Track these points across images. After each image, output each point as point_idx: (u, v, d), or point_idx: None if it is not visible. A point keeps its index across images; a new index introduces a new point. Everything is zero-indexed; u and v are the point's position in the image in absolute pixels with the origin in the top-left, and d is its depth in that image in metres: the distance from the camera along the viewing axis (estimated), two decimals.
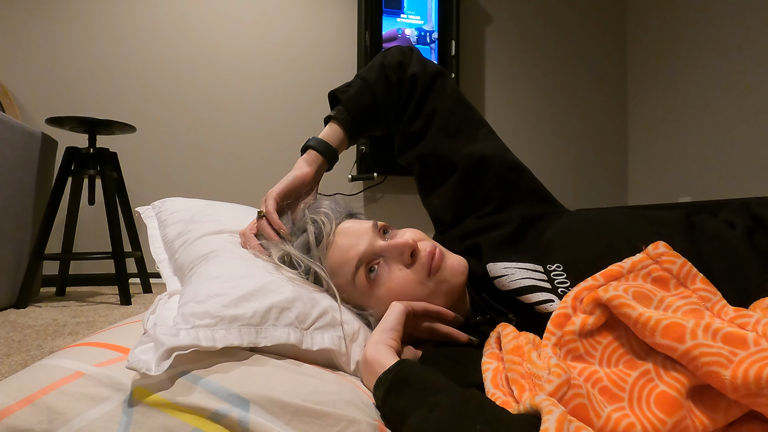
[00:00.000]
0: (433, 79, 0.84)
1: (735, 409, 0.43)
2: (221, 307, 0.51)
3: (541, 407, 0.40)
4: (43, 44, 2.42)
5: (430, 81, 0.84)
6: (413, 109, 0.83)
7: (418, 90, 0.83)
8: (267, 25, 2.75)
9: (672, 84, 3.17)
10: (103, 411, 0.41)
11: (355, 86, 0.83)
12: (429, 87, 0.84)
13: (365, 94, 0.82)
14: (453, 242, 0.76)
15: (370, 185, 2.91)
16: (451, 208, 0.80)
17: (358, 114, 0.82)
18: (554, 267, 0.64)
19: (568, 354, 0.51)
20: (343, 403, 0.47)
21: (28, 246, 1.91)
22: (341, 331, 0.59)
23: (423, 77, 0.84)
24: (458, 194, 0.79)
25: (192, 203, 0.91)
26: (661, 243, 0.56)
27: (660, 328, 0.46)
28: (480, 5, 3.17)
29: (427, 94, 0.84)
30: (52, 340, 1.26)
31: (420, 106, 0.83)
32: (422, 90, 0.83)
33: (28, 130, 1.90)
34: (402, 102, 0.84)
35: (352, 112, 0.81)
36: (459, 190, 0.79)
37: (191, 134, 2.63)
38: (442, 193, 0.81)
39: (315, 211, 0.70)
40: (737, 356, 0.42)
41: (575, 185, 3.36)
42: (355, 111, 0.82)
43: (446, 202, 0.80)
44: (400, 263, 0.65)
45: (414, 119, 0.83)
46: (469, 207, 0.79)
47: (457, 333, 0.66)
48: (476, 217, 0.77)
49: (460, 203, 0.79)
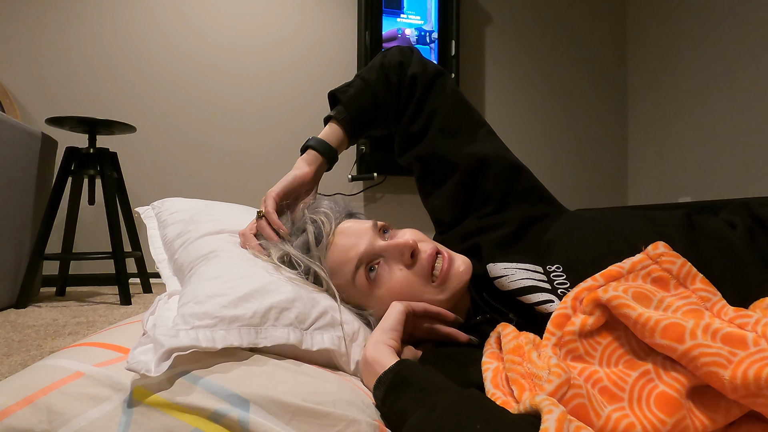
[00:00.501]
0: (433, 79, 0.84)
1: (735, 409, 0.43)
2: (221, 307, 0.51)
3: (541, 407, 0.40)
4: (43, 44, 2.42)
5: (430, 81, 0.84)
6: (413, 110, 0.83)
7: (418, 90, 0.83)
8: (267, 25, 2.75)
9: (672, 84, 3.17)
10: (103, 411, 0.41)
11: (355, 86, 0.83)
12: (429, 87, 0.84)
13: (365, 94, 0.82)
14: (453, 242, 0.76)
15: (370, 185, 2.91)
16: (452, 209, 0.80)
17: (358, 114, 0.82)
18: (554, 268, 0.64)
19: (567, 354, 0.51)
20: (343, 403, 0.47)
21: (28, 246, 1.91)
22: (341, 331, 0.59)
23: (423, 77, 0.84)
24: (458, 194, 0.79)
25: (191, 203, 0.91)
26: (661, 243, 0.56)
27: (659, 328, 0.46)
28: (480, 5, 3.17)
29: (427, 95, 0.84)
30: (52, 340, 1.26)
31: (420, 106, 0.83)
32: (422, 90, 0.83)
33: (28, 130, 1.90)
34: (402, 102, 0.84)
35: (352, 112, 0.81)
36: (459, 191, 0.79)
37: (191, 134, 2.63)
38: (442, 193, 0.81)
39: (314, 211, 0.70)
40: (737, 356, 0.42)
41: (575, 185, 3.36)
42: (355, 111, 0.81)
43: (446, 203, 0.80)
44: (401, 263, 0.65)
45: (414, 119, 0.83)
46: (469, 207, 0.79)
47: (457, 333, 0.66)
48: (476, 218, 0.77)
49: (460, 203, 0.79)
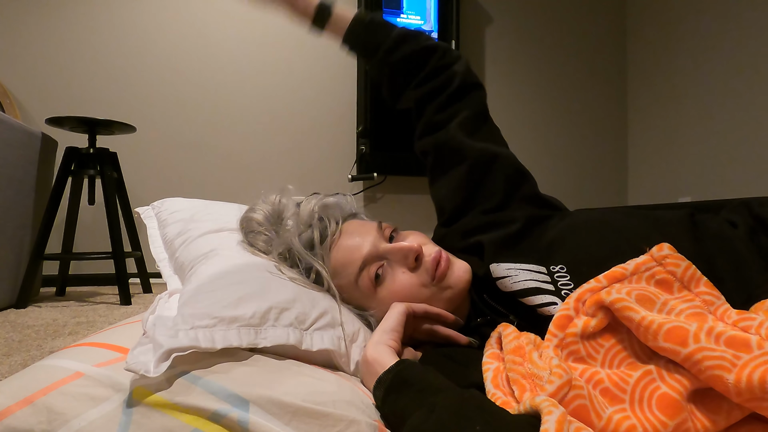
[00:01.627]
0: (475, 86, 0.84)
1: (737, 411, 0.43)
2: (221, 307, 0.51)
3: (541, 408, 0.40)
4: (43, 44, 2.42)
5: (470, 86, 0.84)
6: (443, 101, 0.83)
7: (456, 86, 0.83)
8: (267, 25, 2.75)
9: (672, 84, 3.16)
10: (102, 411, 0.41)
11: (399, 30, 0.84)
12: (464, 89, 0.84)
13: (399, 35, 0.84)
14: (455, 237, 0.75)
15: (370, 185, 2.91)
16: (456, 198, 0.78)
17: (372, 31, 0.84)
18: (557, 268, 0.63)
19: (569, 356, 0.51)
20: (342, 404, 0.46)
21: (28, 246, 1.91)
22: (341, 331, 0.59)
23: (464, 77, 0.83)
24: (466, 184, 0.78)
25: (191, 203, 0.91)
26: (665, 245, 0.55)
27: (662, 331, 0.46)
28: (480, 5, 3.17)
29: (461, 95, 0.83)
30: (52, 340, 1.26)
31: (449, 102, 0.83)
32: (459, 87, 0.83)
33: (28, 130, 1.89)
34: (431, 85, 0.84)
35: (369, 25, 0.83)
36: (467, 180, 0.78)
37: (191, 134, 2.63)
38: (450, 179, 0.80)
39: (323, 208, 0.70)
40: (741, 360, 0.42)
41: (575, 185, 3.36)
42: (372, 27, 0.84)
43: (452, 191, 0.79)
44: (404, 267, 0.65)
45: (439, 111, 0.82)
46: (474, 199, 0.77)
47: (457, 335, 0.66)
48: (480, 212, 0.76)
49: (466, 193, 0.78)
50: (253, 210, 0.75)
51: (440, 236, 0.79)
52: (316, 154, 2.81)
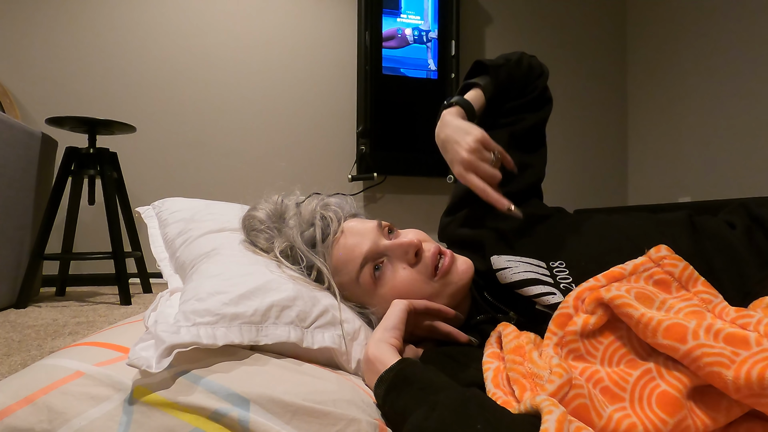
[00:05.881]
0: (549, 100, 0.88)
1: (736, 408, 0.43)
2: (222, 305, 0.51)
3: (542, 407, 0.40)
4: (43, 44, 2.42)
5: (547, 100, 0.87)
6: (518, 105, 0.85)
7: (537, 96, 0.85)
8: (267, 25, 2.75)
9: (672, 84, 3.16)
10: (103, 410, 0.41)
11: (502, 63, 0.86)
12: (540, 102, 0.86)
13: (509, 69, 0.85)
14: (455, 227, 0.77)
15: (370, 185, 2.91)
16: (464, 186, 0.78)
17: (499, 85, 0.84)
18: (557, 264, 0.65)
19: (569, 354, 0.51)
20: (343, 403, 0.46)
21: (28, 246, 1.91)
22: (342, 329, 0.59)
23: (545, 94, 0.88)
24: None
25: (192, 203, 0.91)
26: (663, 246, 0.56)
27: (662, 328, 0.46)
28: (480, 5, 3.17)
29: (537, 106, 0.85)
30: (52, 340, 1.26)
31: (525, 110, 0.84)
32: (537, 99, 0.85)
33: (28, 130, 1.90)
34: (521, 87, 0.86)
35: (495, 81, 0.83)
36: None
37: (191, 134, 2.63)
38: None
39: (324, 207, 0.71)
40: (739, 356, 0.42)
41: (575, 185, 3.36)
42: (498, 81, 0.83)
43: None
44: (405, 262, 0.66)
45: (507, 114, 0.84)
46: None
47: (457, 333, 0.66)
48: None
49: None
50: (256, 209, 0.75)
51: (444, 225, 0.82)
52: (316, 154, 2.81)
